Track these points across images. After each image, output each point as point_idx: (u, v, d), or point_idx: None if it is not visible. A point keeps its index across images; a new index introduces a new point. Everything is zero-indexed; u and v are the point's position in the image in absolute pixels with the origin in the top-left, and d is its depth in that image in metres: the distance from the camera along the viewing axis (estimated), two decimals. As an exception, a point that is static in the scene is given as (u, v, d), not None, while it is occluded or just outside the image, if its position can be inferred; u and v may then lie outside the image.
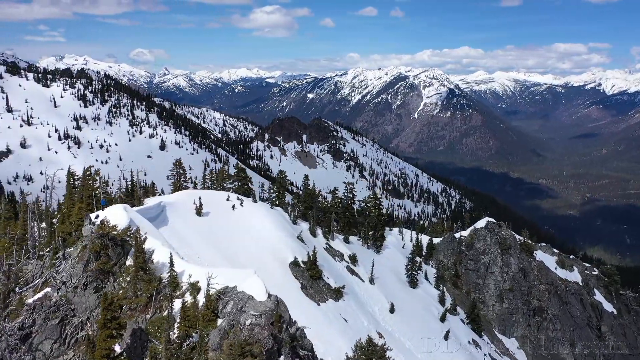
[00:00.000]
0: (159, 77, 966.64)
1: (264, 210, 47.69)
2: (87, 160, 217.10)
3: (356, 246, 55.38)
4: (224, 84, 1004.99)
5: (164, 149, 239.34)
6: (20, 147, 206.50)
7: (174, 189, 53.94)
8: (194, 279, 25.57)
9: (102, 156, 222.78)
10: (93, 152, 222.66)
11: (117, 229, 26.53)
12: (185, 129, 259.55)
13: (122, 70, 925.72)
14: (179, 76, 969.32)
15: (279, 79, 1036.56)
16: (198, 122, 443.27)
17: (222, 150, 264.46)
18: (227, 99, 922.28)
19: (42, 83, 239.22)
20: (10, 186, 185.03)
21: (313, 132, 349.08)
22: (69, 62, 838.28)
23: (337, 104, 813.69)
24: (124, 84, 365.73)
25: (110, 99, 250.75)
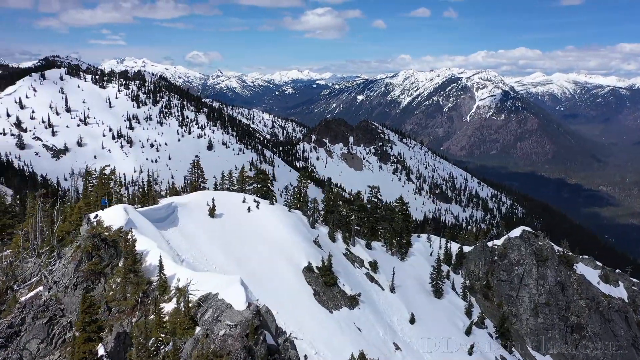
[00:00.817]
0: (212, 78, 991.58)
1: (280, 213, 46.92)
2: (138, 159, 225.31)
3: (379, 252, 53.62)
4: (275, 86, 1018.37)
5: (212, 149, 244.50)
6: (77, 145, 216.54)
7: (191, 189, 54.09)
8: (183, 284, 24.98)
9: (152, 155, 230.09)
10: (144, 150, 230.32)
11: (110, 230, 26.38)
12: (232, 130, 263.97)
13: (178, 72, 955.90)
14: (232, 78, 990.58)
15: (329, 80, 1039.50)
16: (247, 123, 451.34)
17: (267, 151, 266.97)
18: (278, 100, 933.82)
19: (98, 84, 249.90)
20: (66, 182, 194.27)
21: (360, 134, 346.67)
22: (129, 64, 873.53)
23: (386, 106, 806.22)
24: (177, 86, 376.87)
25: (161, 99, 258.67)
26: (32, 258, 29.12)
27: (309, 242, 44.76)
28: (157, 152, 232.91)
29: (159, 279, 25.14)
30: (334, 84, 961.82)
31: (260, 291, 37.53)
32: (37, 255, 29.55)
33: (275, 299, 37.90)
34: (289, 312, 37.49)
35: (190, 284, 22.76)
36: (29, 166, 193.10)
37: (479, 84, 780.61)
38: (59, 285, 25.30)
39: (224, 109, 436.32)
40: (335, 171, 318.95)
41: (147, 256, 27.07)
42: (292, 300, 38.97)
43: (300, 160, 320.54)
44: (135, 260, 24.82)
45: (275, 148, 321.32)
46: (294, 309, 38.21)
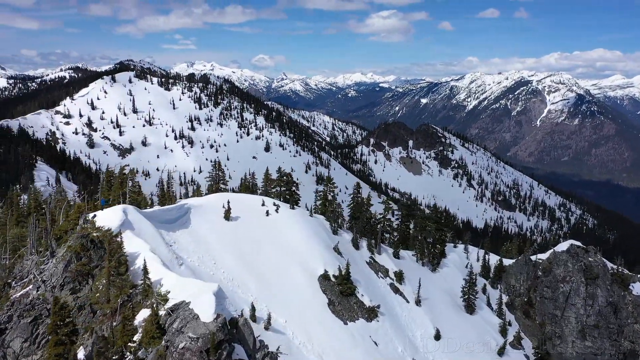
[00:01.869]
0: (277, 81, 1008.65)
1: (300, 217, 45.58)
2: (198, 159, 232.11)
3: (408, 262, 50.95)
4: (338, 89, 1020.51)
5: (269, 151, 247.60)
6: (142, 144, 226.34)
7: (210, 191, 53.79)
8: (166, 289, 24.26)
9: (211, 155, 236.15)
10: (204, 151, 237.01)
11: (101, 230, 26.13)
12: (290, 132, 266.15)
13: (244, 75, 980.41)
14: (296, 81, 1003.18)
15: (392, 83, 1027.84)
16: (307, 126, 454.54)
17: (324, 154, 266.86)
18: (340, 103, 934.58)
19: (164, 87, 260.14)
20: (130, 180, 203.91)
21: (420, 138, 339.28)
22: (198, 67, 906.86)
23: (451, 110, 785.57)
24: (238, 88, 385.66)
25: (222, 101, 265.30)
26: (31, 256, 29.74)
27: (327, 249, 43.14)
28: (217, 153, 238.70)
29: (142, 283, 24.59)
30: (397, 87, 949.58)
31: (269, 298, 36.52)
32: (36, 253, 30.10)
33: (285, 306, 36.69)
34: (298, 321, 36.11)
35: (160, 291, 21.91)
36: (97, 164, 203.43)
37: (550, 87, 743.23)
38: (47, 284, 25.36)
39: (285, 112, 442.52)
40: (393, 175, 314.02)
41: (137, 259, 26.64)
42: (304, 308, 37.52)
43: (357, 163, 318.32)
44: (119, 263, 24.37)
45: (333, 151, 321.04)
46: (305, 318, 36.75)
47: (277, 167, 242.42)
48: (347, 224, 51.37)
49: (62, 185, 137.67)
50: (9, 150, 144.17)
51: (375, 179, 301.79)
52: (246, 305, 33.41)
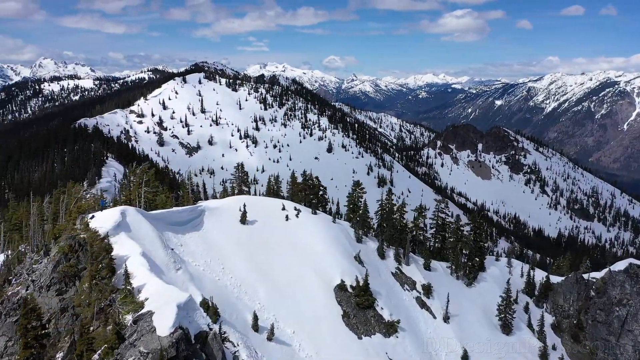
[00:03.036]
0: (347, 82, 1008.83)
1: (322, 223, 43.84)
2: (261, 159, 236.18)
3: (439, 275, 47.65)
4: (408, 90, 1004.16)
5: (331, 152, 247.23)
6: (208, 144, 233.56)
7: (232, 193, 53.12)
8: (145, 296, 23.59)
9: (274, 155, 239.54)
10: (267, 151, 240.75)
11: (90, 231, 25.93)
12: (353, 133, 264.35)
13: (314, 76, 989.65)
14: (366, 82, 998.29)
15: (465, 84, 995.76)
16: (374, 127, 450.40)
17: (387, 156, 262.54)
18: (411, 104, 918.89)
19: (231, 88, 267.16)
20: (196, 178, 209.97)
21: (490, 141, 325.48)
22: (271, 69, 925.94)
23: (528, 112, 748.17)
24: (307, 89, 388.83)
25: (287, 102, 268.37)
26: (32, 254, 30.35)
27: (347, 258, 41.12)
28: (279, 153, 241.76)
29: (124, 288, 24.07)
30: (471, 88, 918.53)
31: (278, 306, 35.21)
32: (36, 251, 30.68)
33: (295, 316, 35.26)
34: (307, 333, 34.57)
35: (139, 298, 21.15)
36: (166, 161, 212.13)
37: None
38: (35, 284, 25.53)
39: (352, 113, 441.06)
40: (460, 179, 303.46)
41: (125, 262, 26.19)
42: (315, 319, 35.88)
43: (423, 166, 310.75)
44: (102, 266, 23.98)
45: (398, 153, 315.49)
46: (315, 330, 35.13)
47: (338, 168, 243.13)
48: (373, 231, 48.94)
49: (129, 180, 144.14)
50: (83, 147, 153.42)
51: (440, 183, 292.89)
52: (249, 313, 32.35)
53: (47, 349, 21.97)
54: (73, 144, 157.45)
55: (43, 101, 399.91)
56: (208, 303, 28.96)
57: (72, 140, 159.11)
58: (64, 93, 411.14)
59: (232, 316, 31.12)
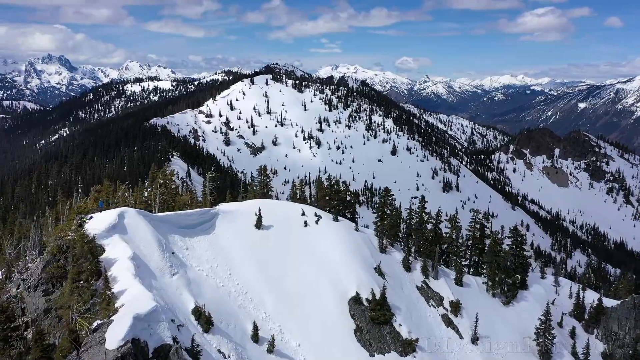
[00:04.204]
0: (419, 84, 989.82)
1: (342, 231, 41.68)
2: (324, 160, 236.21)
3: (472, 291, 43.93)
4: (483, 92, 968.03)
5: (395, 154, 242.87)
6: (272, 144, 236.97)
7: (254, 196, 51.74)
8: (122, 302, 22.92)
9: (337, 157, 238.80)
10: (330, 152, 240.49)
11: (78, 232, 25.74)
12: (419, 136, 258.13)
13: (386, 78, 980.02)
14: (438, 83, 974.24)
15: (545, 86, 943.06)
16: (444, 130, 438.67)
17: (454, 159, 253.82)
18: (485, 107, 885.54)
19: (297, 89, 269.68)
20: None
21: (568, 146, 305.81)
22: (342, 70, 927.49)
23: (615, 116, 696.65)
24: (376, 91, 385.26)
25: (352, 104, 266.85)
26: (34, 251, 30.86)
27: (366, 269, 38.78)
28: (342, 154, 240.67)
29: (103, 293, 23.56)
30: (551, 90, 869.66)
31: (285, 317, 33.80)
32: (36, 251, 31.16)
33: (303, 328, 33.64)
34: (314, 346, 32.84)
35: (113, 304, 20.46)
36: (231, 160, 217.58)
37: None
38: (26, 283, 25.72)
39: (421, 115, 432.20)
40: (534, 186, 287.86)
41: (113, 265, 25.79)
42: (324, 332, 34.04)
43: (493, 171, 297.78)
44: (80, 270, 23.62)
45: (467, 157, 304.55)
46: (323, 344, 33.29)
47: (402, 171, 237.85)
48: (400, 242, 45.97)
49: (191, 178, 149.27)
50: (150, 146, 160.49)
51: (511, 189, 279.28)
52: (251, 322, 31.12)
53: (22, 350, 21.89)
54: (142, 142, 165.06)
55: (125, 101, 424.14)
56: (200, 311, 28.04)
57: (141, 139, 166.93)
58: (144, 94, 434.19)
59: (230, 325, 30.00)
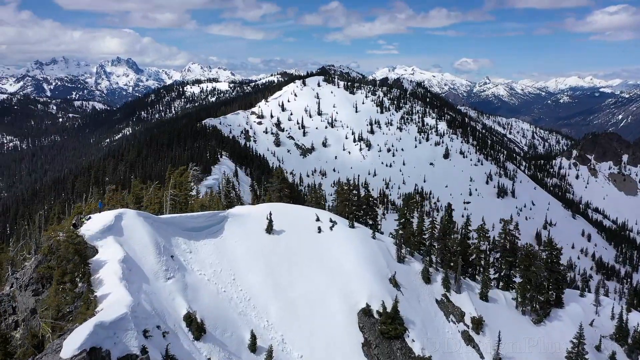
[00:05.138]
0: (479, 85, 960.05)
1: (357, 239, 39.77)
2: (374, 162, 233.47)
3: (499, 307, 40.77)
4: (547, 94, 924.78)
5: (447, 158, 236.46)
6: (322, 145, 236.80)
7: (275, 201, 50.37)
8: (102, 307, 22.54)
9: (387, 159, 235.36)
10: (380, 155, 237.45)
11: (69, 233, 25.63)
12: (473, 139, 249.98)
13: (444, 79, 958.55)
14: (499, 85, 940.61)
15: (616, 88, 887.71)
16: (503, 133, 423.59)
17: (510, 164, 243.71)
18: (549, 109, 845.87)
19: (349, 91, 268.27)
20: (308, 178, 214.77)
21: (638, 152, 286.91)
22: (399, 72, 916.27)
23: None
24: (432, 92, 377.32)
25: (404, 106, 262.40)
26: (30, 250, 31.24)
27: (380, 279, 36.79)
28: (393, 157, 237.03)
29: (85, 296, 23.29)
30: (623, 92, 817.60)
31: (289, 327, 32.73)
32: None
33: (306, 339, 32.40)
34: (317, 358, 31.38)
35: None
36: (280, 161, 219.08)
37: None
38: (18, 282, 25.91)
39: (479, 117, 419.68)
40: (598, 194, 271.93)
41: (102, 267, 25.54)
42: (330, 344, 32.55)
43: (553, 177, 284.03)
44: (64, 271, 23.45)
45: (525, 161, 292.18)
46: (327, 357, 31.86)
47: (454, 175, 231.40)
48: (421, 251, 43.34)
49: (239, 178, 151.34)
50: (200, 145, 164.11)
51: (573, 197, 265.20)
52: (249, 331, 30.14)
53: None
54: (193, 142, 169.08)
55: (185, 102, 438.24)
56: (192, 317, 27.33)
57: (192, 139, 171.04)
58: (202, 95, 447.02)
59: (226, 333, 29.13)
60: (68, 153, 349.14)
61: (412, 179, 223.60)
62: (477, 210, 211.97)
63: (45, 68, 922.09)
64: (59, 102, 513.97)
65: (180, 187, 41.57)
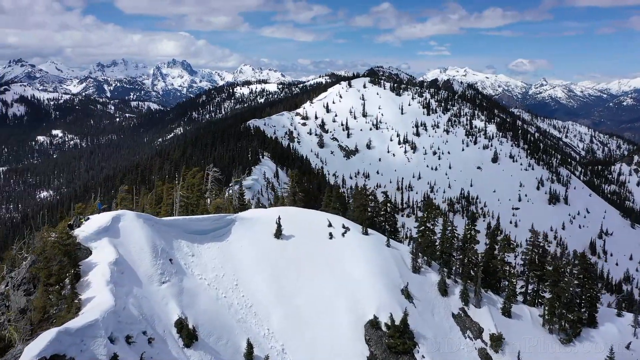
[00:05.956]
0: (535, 87, 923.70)
1: (370, 246, 37.92)
2: (419, 166, 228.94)
3: (523, 324, 37.77)
4: (609, 96, 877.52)
5: (496, 162, 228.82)
6: (366, 147, 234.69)
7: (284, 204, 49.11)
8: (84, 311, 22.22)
9: (433, 162, 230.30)
10: (425, 158, 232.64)
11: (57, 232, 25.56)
12: (524, 142, 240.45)
13: (498, 81, 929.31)
14: (557, 87, 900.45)
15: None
16: (558, 137, 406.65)
17: (564, 169, 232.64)
18: (611, 112, 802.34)
19: (395, 92, 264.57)
20: (351, 180, 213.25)
21: None
22: (451, 73, 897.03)
23: None
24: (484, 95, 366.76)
25: (452, 108, 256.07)
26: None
27: (391, 290, 34.91)
28: (439, 160, 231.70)
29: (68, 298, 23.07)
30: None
31: (291, 336, 31.74)
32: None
33: (309, 350, 31.24)
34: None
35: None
36: (323, 163, 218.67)
37: None
38: (12, 281, 26.09)
39: (533, 120, 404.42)
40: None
41: (92, 270, 25.31)
42: (332, 358, 31.14)
43: (612, 184, 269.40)
44: (50, 273, 23.32)
45: (581, 167, 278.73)
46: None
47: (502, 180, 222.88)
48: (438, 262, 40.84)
49: (279, 179, 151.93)
50: (242, 146, 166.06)
51: (633, 205, 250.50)
52: (245, 340, 29.24)
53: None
54: (236, 142, 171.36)
55: (234, 103, 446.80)
56: (183, 323, 26.67)
57: (234, 139, 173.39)
58: (251, 96, 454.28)
59: (221, 340, 28.30)
60: (123, 151, 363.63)
61: (458, 183, 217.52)
62: (526, 217, 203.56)
63: (106, 70, 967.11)
64: (116, 102, 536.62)
65: (192, 188, 41.39)
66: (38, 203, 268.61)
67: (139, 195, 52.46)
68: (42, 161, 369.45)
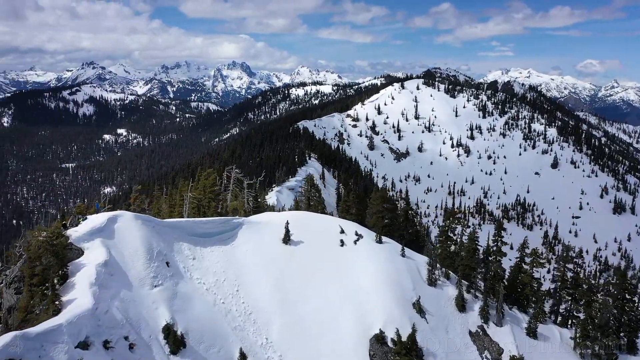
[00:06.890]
0: (605, 89, 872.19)
1: (383, 256, 35.69)
2: (472, 170, 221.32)
3: (551, 346, 34.18)
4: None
5: (556, 167, 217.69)
6: (417, 150, 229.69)
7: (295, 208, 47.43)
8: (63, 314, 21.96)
9: (487, 167, 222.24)
10: (480, 162, 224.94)
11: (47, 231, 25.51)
12: (588, 147, 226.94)
13: (564, 83, 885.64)
14: (629, 89, 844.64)
15: None
16: (629, 142, 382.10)
17: (632, 177, 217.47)
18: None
19: (449, 94, 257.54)
20: (401, 184, 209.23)
21: None
22: (514, 75, 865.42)
23: None
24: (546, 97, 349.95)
25: (510, 111, 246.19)
26: None
27: (402, 303, 32.69)
28: (494, 165, 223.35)
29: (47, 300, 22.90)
30: None
31: (290, 347, 30.63)
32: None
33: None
34: (315, 388, 28.68)
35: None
36: (373, 165, 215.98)
37: None
38: (6, 279, 26.33)
39: (600, 124, 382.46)
40: None
41: (80, 271, 25.08)
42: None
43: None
44: (33, 273, 23.26)
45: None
46: (327, 386, 28.92)
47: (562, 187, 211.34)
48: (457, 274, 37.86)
49: (325, 180, 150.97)
50: (289, 147, 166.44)
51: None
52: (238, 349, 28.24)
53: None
54: (284, 143, 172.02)
55: (289, 104, 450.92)
56: (170, 329, 25.95)
57: (283, 140, 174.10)
58: (306, 97, 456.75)
59: (212, 348, 27.35)
60: (182, 150, 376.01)
61: (514, 188, 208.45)
62: (587, 227, 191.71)
63: (170, 72, 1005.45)
64: (177, 102, 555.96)
65: (205, 190, 40.96)
66: (102, 198, 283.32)
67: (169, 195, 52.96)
68: (107, 158, 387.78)
